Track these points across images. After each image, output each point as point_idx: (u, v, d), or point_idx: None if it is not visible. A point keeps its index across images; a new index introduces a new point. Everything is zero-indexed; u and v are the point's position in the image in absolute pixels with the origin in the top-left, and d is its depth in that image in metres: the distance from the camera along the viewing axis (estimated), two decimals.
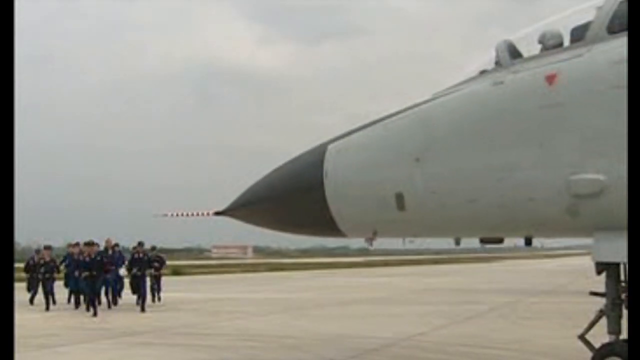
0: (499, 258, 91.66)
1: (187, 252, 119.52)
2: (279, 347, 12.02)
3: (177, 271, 47.45)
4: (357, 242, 9.25)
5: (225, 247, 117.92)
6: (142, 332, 14.55)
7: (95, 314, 18.45)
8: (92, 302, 19.01)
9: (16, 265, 13.27)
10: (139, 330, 14.83)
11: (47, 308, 20.76)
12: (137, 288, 20.82)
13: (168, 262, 27.91)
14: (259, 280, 42.34)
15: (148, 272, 21.47)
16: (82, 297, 20.99)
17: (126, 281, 22.40)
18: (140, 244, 22.00)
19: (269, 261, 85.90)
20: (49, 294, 21.32)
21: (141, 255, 21.50)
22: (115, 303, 21.46)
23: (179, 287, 31.31)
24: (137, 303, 20.38)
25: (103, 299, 20.72)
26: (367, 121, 7.94)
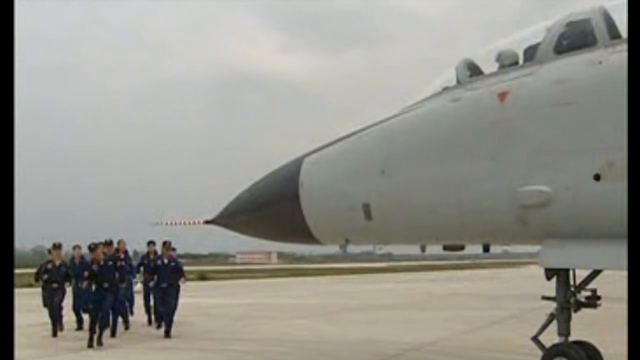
0: (526, 263, 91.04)
1: (213, 258, 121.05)
2: (303, 352, 12.20)
3: (203, 276, 48.70)
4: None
5: (250, 253, 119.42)
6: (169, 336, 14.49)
7: (99, 343, 13.03)
8: (93, 326, 13.16)
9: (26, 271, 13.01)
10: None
11: (55, 333, 14.82)
12: (161, 304, 15.34)
13: (194, 268, 26.88)
14: (283, 285, 42.50)
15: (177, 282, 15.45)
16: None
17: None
18: (152, 243, 16.82)
19: (293, 266, 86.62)
20: (55, 310, 15.04)
21: (165, 260, 15.34)
22: (127, 326, 15.94)
23: (205, 292, 31.82)
24: (155, 323, 16.18)
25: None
26: (340, 135, 8.45)
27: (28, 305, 18.64)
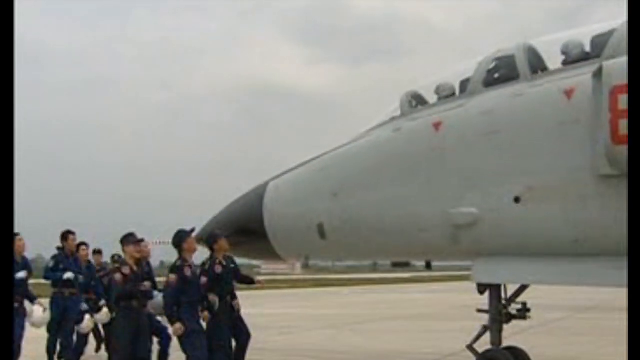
0: None
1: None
2: None
3: None
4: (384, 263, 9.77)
5: (275, 263, 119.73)
6: None
7: None
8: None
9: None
10: None
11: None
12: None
13: None
14: (307, 295, 42.32)
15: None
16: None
17: None
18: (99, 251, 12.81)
19: (316, 277, 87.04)
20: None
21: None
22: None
23: None
24: None
25: None
26: (301, 161, 9.20)
27: None
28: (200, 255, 9.58)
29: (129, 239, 8.91)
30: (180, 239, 8.74)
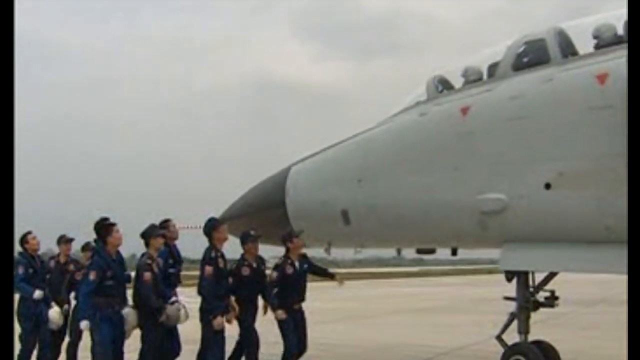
0: None
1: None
2: (339, 355, 12.40)
3: None
4: (411, 252, 9.65)
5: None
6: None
7: None
8: None
9: None
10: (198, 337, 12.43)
11: None
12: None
13: None
14: (315, 289, 42.49)
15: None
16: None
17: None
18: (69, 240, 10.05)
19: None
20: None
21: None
22: None
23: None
24: None
25: None
26: (323, 146, 9.10)
27: None
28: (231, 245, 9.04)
29: (154, 231, 8.05)
30: (211, 227, 8.28)
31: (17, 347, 9.08)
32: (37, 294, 9.27)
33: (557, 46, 7.26)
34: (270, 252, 9.58)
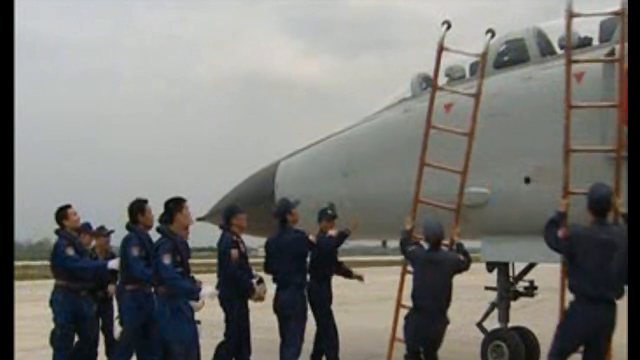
0: None
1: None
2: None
3: None
4: (395, 242, 9.71)
5: None
6: None
7: None
8: None
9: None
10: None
11: None
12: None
13: (214, 261, 25.88)
14: None
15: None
16: None
17: None
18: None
19: None
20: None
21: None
22: None
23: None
24: None
25: None
26: (311, 141, 9.34)
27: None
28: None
29: (236, 210, 7.79)
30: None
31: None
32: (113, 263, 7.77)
33: (536, 46, 7.55)
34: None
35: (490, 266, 8.05)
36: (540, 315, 7.14)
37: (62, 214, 8.08)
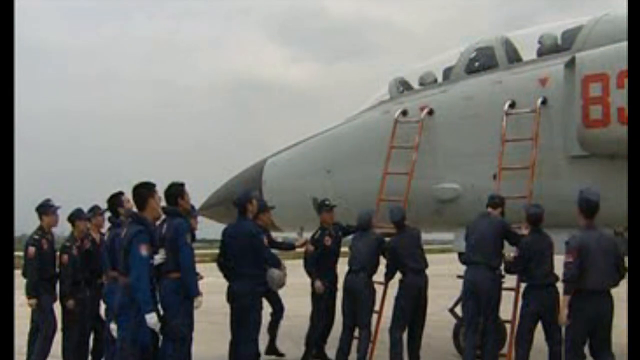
0: None
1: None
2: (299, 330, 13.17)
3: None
4: None
5: None
6: None
7: None
8: None
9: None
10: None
11: None
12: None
13: (210, 252, 24.89)
14: (289, 266, 43.28)
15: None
16: None
17: None
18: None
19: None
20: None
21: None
22: None
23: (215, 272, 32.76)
24: None
25: None
26: (297, 140, 9.91)
27: None
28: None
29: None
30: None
31: None
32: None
33: (504, 53, 8.16)
34: None
35: (461, 257, 8.64)
36: (508, 300, 7.63)
37: (116, 200, 7.38)
